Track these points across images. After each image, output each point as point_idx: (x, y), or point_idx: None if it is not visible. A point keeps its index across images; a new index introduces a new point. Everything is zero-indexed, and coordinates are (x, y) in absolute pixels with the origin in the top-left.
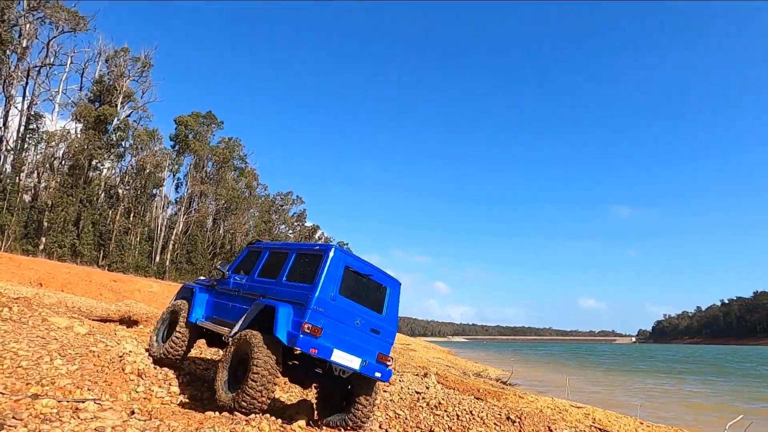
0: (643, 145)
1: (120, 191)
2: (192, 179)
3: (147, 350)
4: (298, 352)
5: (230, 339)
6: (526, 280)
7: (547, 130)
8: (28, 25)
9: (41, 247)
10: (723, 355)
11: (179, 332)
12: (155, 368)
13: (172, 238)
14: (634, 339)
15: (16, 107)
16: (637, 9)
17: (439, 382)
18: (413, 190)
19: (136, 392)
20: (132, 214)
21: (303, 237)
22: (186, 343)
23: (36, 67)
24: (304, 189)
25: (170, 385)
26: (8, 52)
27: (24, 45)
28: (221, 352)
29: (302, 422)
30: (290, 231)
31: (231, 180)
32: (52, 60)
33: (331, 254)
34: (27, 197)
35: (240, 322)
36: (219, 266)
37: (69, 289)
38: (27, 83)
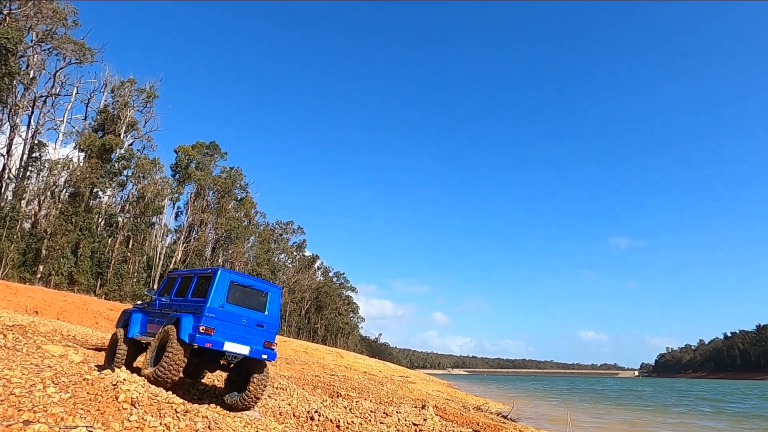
0: (642, 175)
1: (120, 219)
2: (192, 208)
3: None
4: (196, 347)
5: (156, 334)
6: (525, 311)
7: (545, 161)
8: (35, 56)
9: (39, 274)
10: (731, 391)
11: (120, 349)
12: (149, 397)
13: (171, 266)
14: (636, 372)
15: (20, 136)
16: (637, 50)
17: (437, 414)
18: (411, 221)
19: (129, 421)
20: (131, 243)
21: (302, 266)
22: (127, 355)
23: (42, 96)
24: (304, 219)
25: (164, 415)
26: (15, 82)
27: (31, 75)
28: (217, 380)
29: None
30: (289, 260)
31: (231, 209)
32: (58, 90)
33: (218, 274)
34: (27, 225)
35: (154, 319)
36: (147, 292)
37: (65, 317)
38: (32, 112)
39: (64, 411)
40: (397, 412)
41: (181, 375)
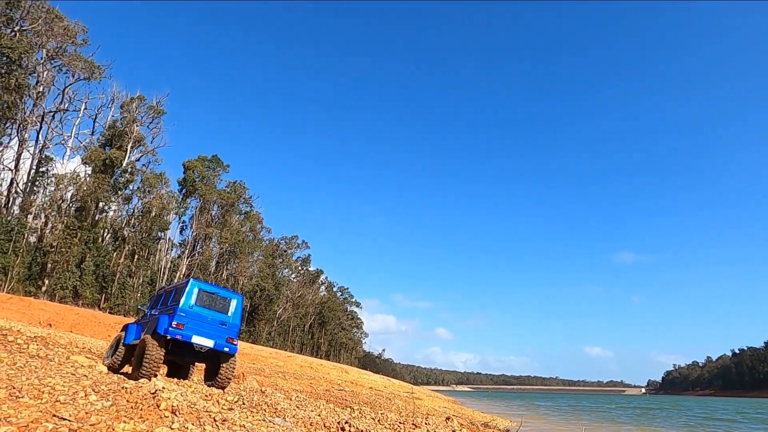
0: (647, 190)
1: (125, 233)
2: (197, 222)
3: (103, 363)
4: (168, 338)
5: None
6: (530, 327)
7: (549, 176)
8: (45, 73)
9: (44, 288)
10: (743, 409)
11: (119, 351)
12: (188, 406)
13: (175, 281)
14: (643, 390)
15: (28, 150)
16: (645, 67)
17: (462, 426)
18: (414, 235)
19: (171, 429)
20: (136, 257)
21: (307, 281)
22: (123, 357)
23: (50, 112)
24: (308, 234)
25: (203, 423)
26: (24, 97)
27: (40, 91)
28: (232, 395)
29: None
30: (294, 275)
31: (236, 223)
32: (66, 105)
33: (190, 283)
34: (33, 239)
35: (145, 329)
36: (140, 306)
37: (78, 330)
38: (41, 127)
39: (109, 418)
40: (425, 423)
41: (160, 371)
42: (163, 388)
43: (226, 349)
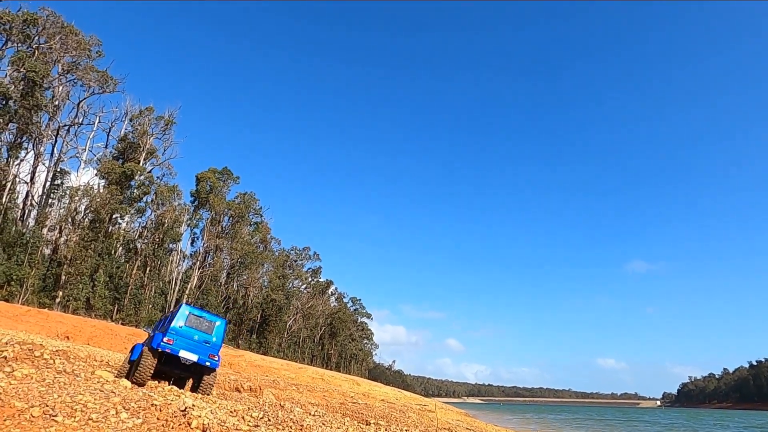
0: (658, 198)
1: (138, 245)
2: (208, 234)
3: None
4: (160, 351)
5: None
6: (542, 338)
7: (558, 185)
8: (60, 87)
9: (57, 300)
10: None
11: (124, 366)
12: (218, 424)
13: (186, 292)
14: (659, 402)
15: (43, 164)
16: (654, 74)
17: None
18: (424, 246)
19: None
20: (148, 268)
21: (317, 292)
22: (127, 370)
23: (65, 126)
24: (317, 243)
25: None
26: (40, 113)
27: (55, 105)
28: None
29: None
30: (304, 286)
31: (246, 234)
32: (81, 119)
33: (182, 307)
34: (47, 251)
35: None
36: (144, 329)
37: (95, 343)
38: (56, 141)
39: None
40: None
41: (151, 378)
42: (193, 405)
43: (208, 363)
